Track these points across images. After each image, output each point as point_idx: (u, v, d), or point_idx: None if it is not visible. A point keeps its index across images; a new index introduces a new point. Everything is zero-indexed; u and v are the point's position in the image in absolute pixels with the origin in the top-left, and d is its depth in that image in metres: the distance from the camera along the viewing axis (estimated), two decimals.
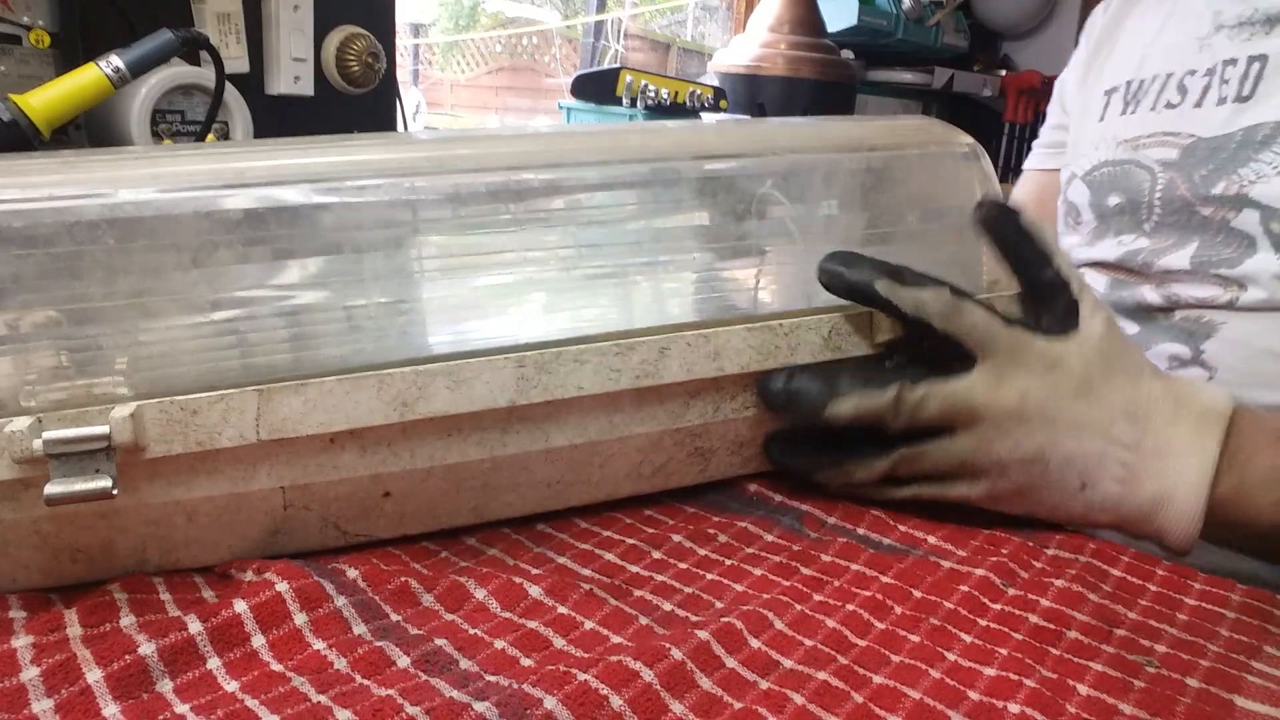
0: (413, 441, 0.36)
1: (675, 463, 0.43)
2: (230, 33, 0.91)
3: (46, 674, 0.28)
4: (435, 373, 0.35)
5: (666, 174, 0.42)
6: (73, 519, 0.33)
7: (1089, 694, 0.30)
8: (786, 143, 0.45)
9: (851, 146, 0.45)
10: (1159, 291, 0.58)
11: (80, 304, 0.33)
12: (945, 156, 0.47)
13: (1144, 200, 0.60)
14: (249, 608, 0.32)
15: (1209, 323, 0.56)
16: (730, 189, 0.43)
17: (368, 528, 0.38)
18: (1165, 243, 0.58)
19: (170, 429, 0.32)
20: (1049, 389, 0.39)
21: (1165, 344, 0.58)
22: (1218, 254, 0.55)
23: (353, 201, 0.36)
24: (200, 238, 0.34)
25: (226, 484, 0.34)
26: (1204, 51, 0.59)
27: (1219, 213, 0.55)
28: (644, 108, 1.69)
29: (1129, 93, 0.65)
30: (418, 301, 0.37)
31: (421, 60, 2.27)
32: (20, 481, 0.31)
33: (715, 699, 0.29)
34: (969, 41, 2.48)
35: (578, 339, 0.38)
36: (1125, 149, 0.62)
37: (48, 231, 0.33)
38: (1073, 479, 0.40)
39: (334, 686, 0.29)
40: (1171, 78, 0.61)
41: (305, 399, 0.34)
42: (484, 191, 0.38)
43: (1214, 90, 0.58)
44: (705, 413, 0.42)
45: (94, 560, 0.35)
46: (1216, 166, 0.56)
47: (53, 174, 0.34)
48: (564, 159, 0.40)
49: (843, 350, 0.42)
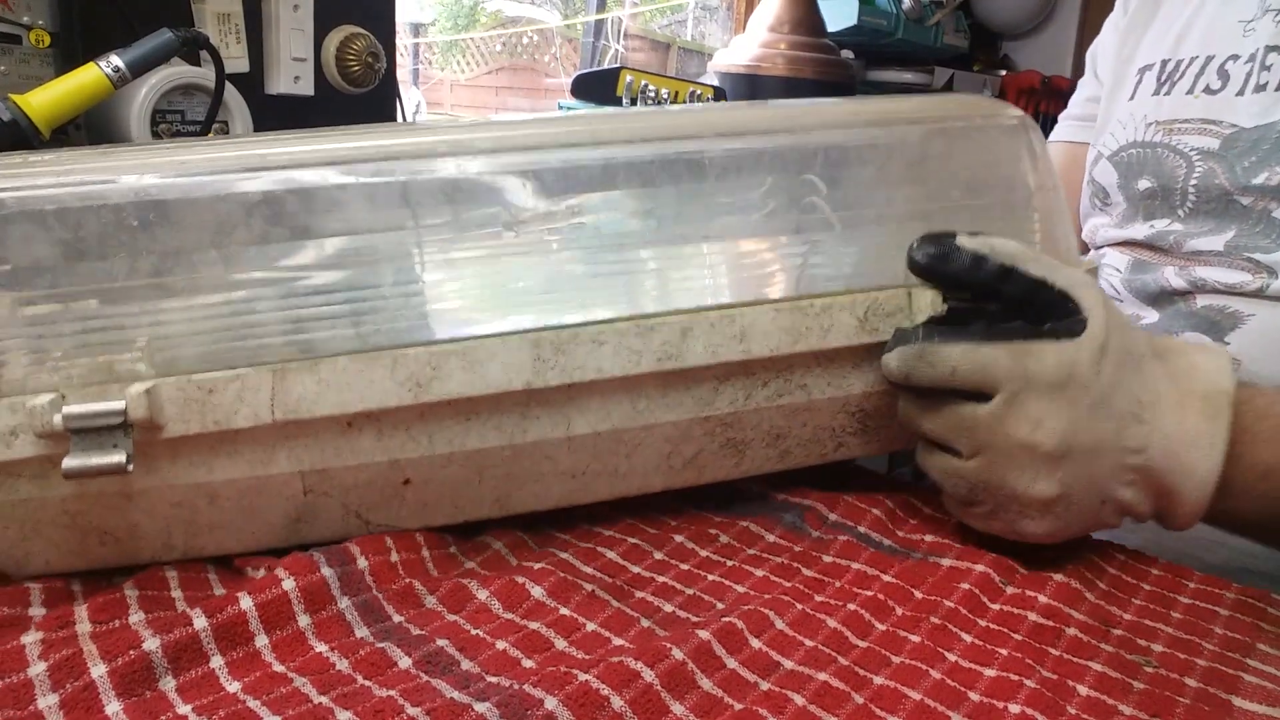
0: (430, 425, 0.36)
1: (707, 454, 0.41)
2: (230, 33, 0.91)
3: (53, 669, 0.28)
4: (449, 353, 0.35)
5: (691, 154, 0.40)
6: (98, 499, 0.34)
7: (1089, 694, 0.30)
8: (825, 119, 0.43)
9: (894, 121, 0.43)
10: (1182, 275, 0.57)
11: (103, 284, 0.33)
12: (992, 130, 0.45)
13: (1177, 186, 0.59)
14: (254, 605, 0.32)
15: (1234, 314, 0.55)
16: (760, 167, 0.41)
17: (389, 517, 0.38)
18: (1202, 227, 0.57)
19: (187, 408, 0.33)
20: (1066, 411, 0.37)
21: (1187, 333, 0.57)
22: (1254, 242, 0.54)
23: (369, 183, 0.36)
24: (219, 220, 0.34)
25: (246, 466, 0.34)
26: (1248, 36, 0.57)
27: (1259, 202, 0.54)
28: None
29: (1163, 72, 0.63)
30: (434, 284, 0.37)
31: (421, 60, 2.27)
32: (48, 459, 0.32)
33: (716, 700, 0.29)
34: (969, 41, 2.48)
35: (598, 320, 0.37)
36: (1157, 131, 0.61)
37: (73, 213, 0.33)
38: (1094, 501, 0.38)
39: (335, 687, 0.29)
40: (1212, 61, 0.59)
41: (319, 378, 0.34)
42: (503, 173, 0.38)
43: (1255, 77, 0.56)
44: (736, 400, 0.40)
45: (121, 543, 0.35)
46: (1260, 158, 0.54)
47: (76, 163, 0.35)
48: (588, 139, 0.39)
49: (880, 332, 0.40)
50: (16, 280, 0.33)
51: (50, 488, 0.32)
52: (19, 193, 0.33)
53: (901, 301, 0.40)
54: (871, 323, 0.40)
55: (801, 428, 0.42)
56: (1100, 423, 0.37)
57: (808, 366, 0.40)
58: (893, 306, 0.40)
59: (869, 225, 0.42)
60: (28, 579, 0.35)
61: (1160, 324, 0.58)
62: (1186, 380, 0.39)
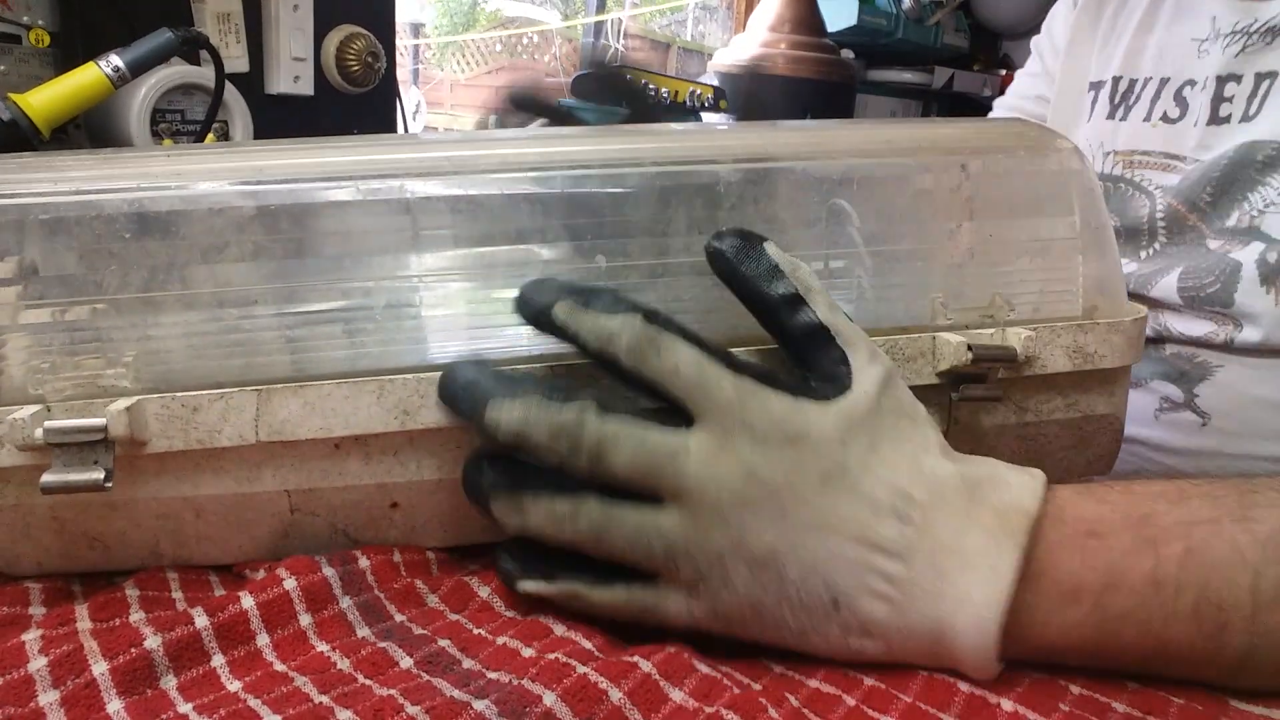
0: (419, 452, 0.36)
1: None
2: (230, 32, 0.91)
3: (54, 664, 0.29)
4: (438, 381, 0.34)
5: (705, 179, 0.38)
6: (86, 507, 0.34)
7: (1081, 693, 0.31)
8: (855, 146, 0.40)
9: (929, 150, 0.41)
10: (1149, 322, 0.54)
11: (92, 296, 0.33)
12: (1038, 161, 0.41)
13: (1144, 227, 0.56)
14: (255, 604, 0.32)
15: (1203, 364, 0.53)
16: (780, 196, 0.38)
17: (378, 537, 0.37)
18: (1164, 270, 0.55)
19: (171, 425, 0.33)
20: (787, 469, 0.30)
21: (1156, 381, 0.55)
22: (1204, 284, 0.51)
23: (367, 201, 0.36)
24: (213, 234, 0.34)
25: (232, 483, 0.35)
26: (1202, 58, 0.55)
27: (1225, 245, 0.52)
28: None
29: (1116, 92, 0.61)
30: (428, 308, 0.36)
31: (421, 60, 2.27)
32: (36, 468, 0.32)
33: (714, 681, 0.30)
34: (969, 41, 2.48)
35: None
36: (1116, 163, 0.59)
37: (66, 223, 0.33)
38: (819, 594, 0.30)
39: (336, 686, 0.29)
40: (1168, 85, 0.57)
41: (304, 401, 0.34)
42: (505, 196, 0.37)
43: (1214, 108, 0.54)
44: None
45: (110, 549, 0.35)
46: (1217, 190, 0.52)
47: (69, 169, 0.35)
48: (596, 160, 0.38)
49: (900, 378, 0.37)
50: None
51: (37, 494, 0.32)
52: (12, 200, 0.33)
53: (925, 346, 0.38)
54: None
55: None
56: (836, 498, 0.30)
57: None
58: (914, 351, 0.38)
59: (894, 262, 0.40)
60: (20, 579, 0.35)
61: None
62: (982, 489, 0.31)
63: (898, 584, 0.30)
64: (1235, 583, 0.29)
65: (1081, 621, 0.30)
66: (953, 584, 0.30)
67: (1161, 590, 0.29)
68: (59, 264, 0.33)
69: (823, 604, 0.30)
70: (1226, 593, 0.29)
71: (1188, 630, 0.29)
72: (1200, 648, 0.30)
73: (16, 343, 0.33)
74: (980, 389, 0.38)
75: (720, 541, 0.30)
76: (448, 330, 0.36)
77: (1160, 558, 0.30)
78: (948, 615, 0.29)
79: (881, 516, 0.30)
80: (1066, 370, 0.40)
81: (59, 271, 0.33)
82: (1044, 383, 0.40)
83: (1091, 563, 0.30)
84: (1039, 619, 0.30)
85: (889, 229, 0.40)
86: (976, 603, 0.29)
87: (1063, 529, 0.31)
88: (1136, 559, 0.30)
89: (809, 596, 0.30)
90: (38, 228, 0.33)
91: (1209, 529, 0.30)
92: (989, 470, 0.32)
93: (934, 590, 0.30)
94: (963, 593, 0.29)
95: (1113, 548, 0.30)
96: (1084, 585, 0.30)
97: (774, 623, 0.31)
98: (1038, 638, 0.30)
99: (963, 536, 0.30)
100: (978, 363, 0.37)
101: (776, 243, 0.34)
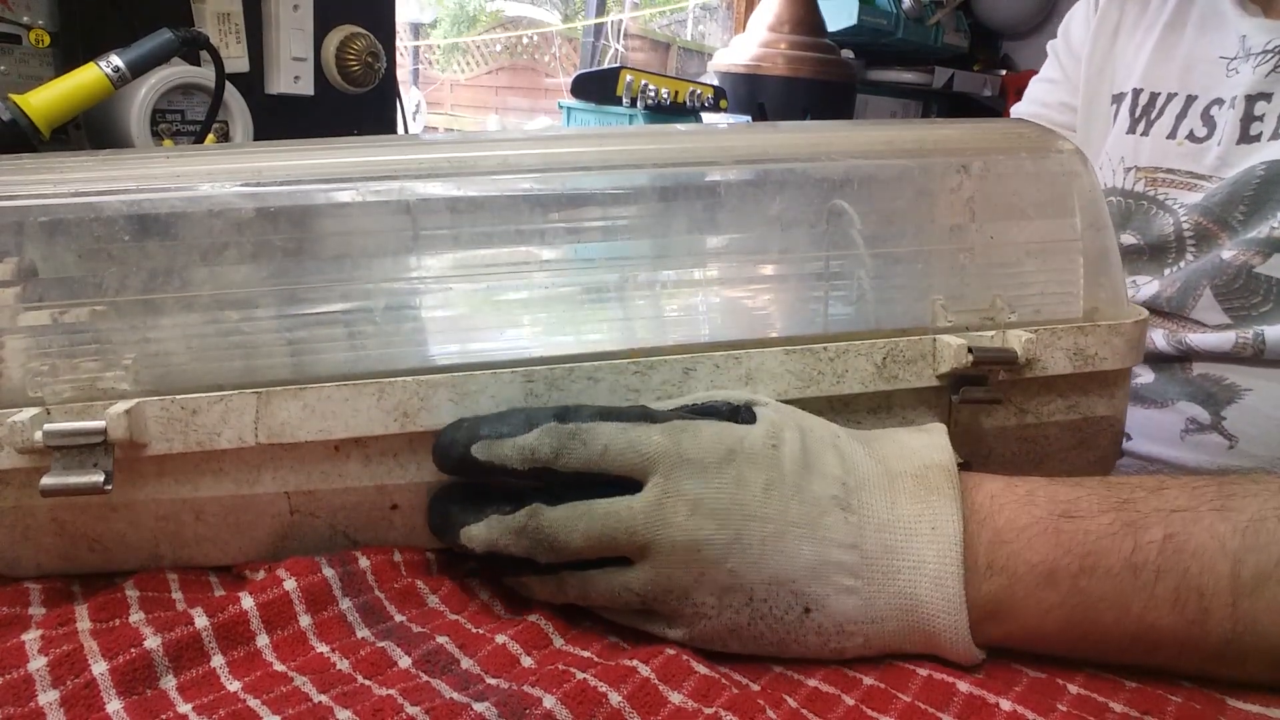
0: (418, 454, 0.35)
1: None
2: (230, 32, 0.91)
3: (53, 664, 0.29)
4: (438, 384, 0.34)
5: (703, 181, 0.37)
6: (85, 509, 0.34)
7: (1079, 692, 0.31)
8: (856, 147, 0.40)
9: (931, 151, 0.40)
10: (1170, 341, 0.54)
11: (92, 298, 0.33)
12: (1039, 163, 0.41)
13: (1170, 244, 0.56)
14: (255, 605, 0.32)
15: (1231, 385, 0.52)
16: (779, 198, 0.38)
17: (377, 538, 0.37)
18: (1176, 285, 0.54)
19: (171, 427, 0.33)
20: (731, 489, 0.31)
21: (1183, 403, 0.54)
22: (1233, 301, 0.51)
23: (367, 202, 0.36)
24: (212, 236, 0.34)
25: (232, 485, 0.35)
26: (1231, 77, 0.55)
27: (1241, 256, 0.52)
28: (644, 107, 1.70)
29: (1137, 105, 0.60)
30: (428, 311, 0.36)
31: (421, 60, 2.27)
32: (36, 470, 0.32)
33: (713, 681, 0.30)
34: (969, 41, 2.48)
35: (593, 354, 0.36)
36: (1138, 179, 0.58)
37: (66, 225, 0.33)
38: (790, 605, 0.31)
39: (335, 686, 0.29)
40: (1195, 102, 0.56)
41: (304, 404, 0.34)
42: (506, 197, 0.37)
43: (1244, 127, 0.53)
44: None
45: (110, 550, 0.35)
46: (1251, 207, 0.52)
47: (69, 171, 0.35)
48: (595, 163, 0.38)
49: (899, 380, 0.37)
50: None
51: (37, 497, 0.32)
52: (11, 201, 0.33)
53: (925, 349, 0.38)
54: (890, 370, 0.37)
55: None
56: (784, 505, 0.31)
57: (818, 413, 0.36)
58: (914, 353, 0.37)
59: (894, 264, 0.39)
60: (21, 580, 0.35)
61: (1155, 385, 0.55)
62: (890, 461, 0.33)
63: (857, 573, 0.31)
64: (1215, 570, 0.29)
65: (1059, 604, 0.30)
66: (903, 555, 0.30)
67: (1140, 574, 0.30)
68: (58, 266, 0.33)
69: (795, 613, 0.31)
70: (1207, 579, 0.29)
71: (1169, 616, 0.30)
72: (1183, 634, 0.30)
73: (16, 345, 0.33)
74: (981, 391, 0.38)
75: (684, 580, 0.31)
76: (448, 332, 0.36)
77: (1139, 543, 0.30)
78: (909, 587, 0.30)
79: (827, 511, 0.31)
80: (1067, 372, 0.40)
81: (58, 273, 0.33)
82: (1044, 385, 0.40)
83: (1067, 545, 0.30)
84: (1014, 602, 0.30)
85: (889, 230, 0.40)
86: (931, 564, 0.30)
87: (1034, 510, 0.31)
88: (1114, 542, 0.30)
89: (780, 609, 0.31)
90: (37, 229, 0.33)
91: (1188, 516, 0.30)
92: (891, 441, 0.34)
93: (890, 567, 0.30)
94: (916, 560, 0.30)
95: (1089, 531, 0.30)
96: (1059, 568, 0.30)
97: (753, 640, 0.32)
98: (1015, 621, 0.30)
99: (894, 509, 0.31)
100: (978, 365, 0.37)
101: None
